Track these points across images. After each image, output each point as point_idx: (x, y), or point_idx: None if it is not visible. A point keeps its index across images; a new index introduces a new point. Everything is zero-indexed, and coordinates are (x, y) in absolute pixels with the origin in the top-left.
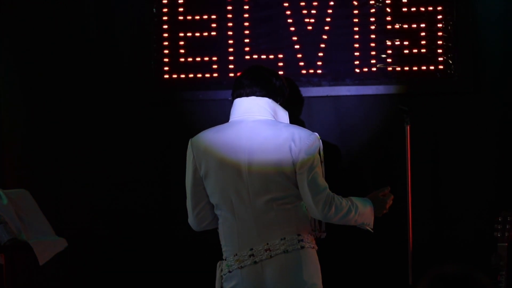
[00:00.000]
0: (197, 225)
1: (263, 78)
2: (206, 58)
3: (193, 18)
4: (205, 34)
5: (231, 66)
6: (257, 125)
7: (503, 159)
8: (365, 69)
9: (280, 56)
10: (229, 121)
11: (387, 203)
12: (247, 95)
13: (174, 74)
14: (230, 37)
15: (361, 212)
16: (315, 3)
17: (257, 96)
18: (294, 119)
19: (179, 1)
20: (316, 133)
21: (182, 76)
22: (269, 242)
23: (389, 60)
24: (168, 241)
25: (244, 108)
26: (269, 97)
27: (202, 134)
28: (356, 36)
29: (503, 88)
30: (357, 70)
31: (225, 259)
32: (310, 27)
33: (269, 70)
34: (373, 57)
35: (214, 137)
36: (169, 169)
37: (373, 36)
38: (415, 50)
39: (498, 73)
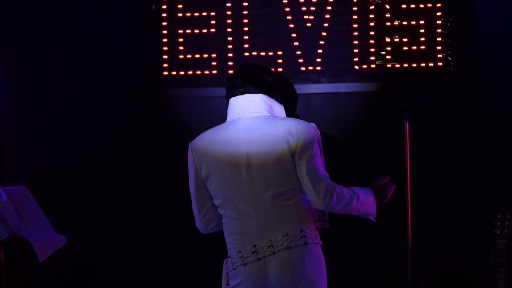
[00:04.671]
0: (205, 227)
1: (255, 76)
2: (205, 55)
3: (192, 15)
4: (204, 31)
5: (230, 63)
6: (253, 121)
7: (502, 156)
8: (364, 66)
9: (279, 53)
10: (226, 121)
11: (389, 192)
12: (242, 94)
13: (173, 71)
14: (229, 34)
15: (363, 201)
16: (314, 0)
17: (251, 93)
18: (291, 115)
19: None
20: (313, 124)
21: (181, 73)
22: (272, 238)
23: (388, 57)
24: (170, 238)
25: (239, 106)
26: (264, 94)
27: (201, 137)
28: (355, 33)
29: (502, 84)
30: (356, 67)
31: (230, 256)
32: (309, 24)
33: (260, 67)
34: (372, 54)
35: (212, 137)
36: (168, 166)
37: (372, 33)
38: (414, 47)
39: (497, 70)
